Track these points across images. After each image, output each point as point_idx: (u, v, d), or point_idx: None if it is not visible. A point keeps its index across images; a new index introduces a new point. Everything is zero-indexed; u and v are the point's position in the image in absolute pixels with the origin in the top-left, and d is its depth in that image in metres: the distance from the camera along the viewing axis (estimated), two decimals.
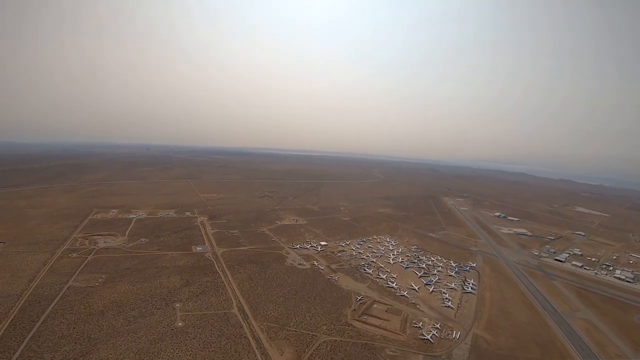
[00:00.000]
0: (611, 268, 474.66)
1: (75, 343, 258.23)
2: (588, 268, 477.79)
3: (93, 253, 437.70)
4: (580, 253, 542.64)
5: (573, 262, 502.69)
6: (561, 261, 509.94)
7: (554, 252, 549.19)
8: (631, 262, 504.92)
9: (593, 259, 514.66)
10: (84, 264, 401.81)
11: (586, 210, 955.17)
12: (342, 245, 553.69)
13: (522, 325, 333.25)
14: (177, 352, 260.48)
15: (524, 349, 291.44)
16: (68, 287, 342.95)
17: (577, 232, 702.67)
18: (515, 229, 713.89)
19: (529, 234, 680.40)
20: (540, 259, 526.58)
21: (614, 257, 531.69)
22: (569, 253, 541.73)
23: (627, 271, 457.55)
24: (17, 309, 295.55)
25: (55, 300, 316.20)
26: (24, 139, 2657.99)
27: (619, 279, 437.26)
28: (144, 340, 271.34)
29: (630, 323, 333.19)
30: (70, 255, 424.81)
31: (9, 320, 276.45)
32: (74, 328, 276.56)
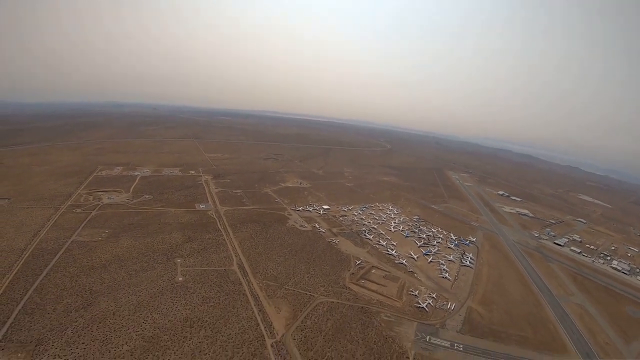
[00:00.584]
0: (609, 258, 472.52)
1: (77, 295, 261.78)
2: (586, 255, 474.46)
3: (97, 209, 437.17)
4: (579, 239, 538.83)
5: (572, 248, 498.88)
6: (560, 245, 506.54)
7: (554, 236, 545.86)
8: (629, 254, 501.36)
9: (592, 247, 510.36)
10: (87, 219, 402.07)
11: (590, 199, 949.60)
12: (344, 210, 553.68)
13: (516, 303, 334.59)
14: (176, 305, 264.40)
15: (516, 327, 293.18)
16: (72, 242, 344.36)
17: (578, 219, 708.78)
18: (517, 209, 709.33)
19: (531, 215, 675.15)
20: (540, 240, 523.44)
21: (613, 248, 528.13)
22: (568, 238, 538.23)
23: (624, 263, 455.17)
24: (21, 262, 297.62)
25: (59, 254, 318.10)
26: (29, 99, 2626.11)
27: (616, 269, 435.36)
28: (145, 293, 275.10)
29: (622, 313, 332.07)
30: (74, 210, 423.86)
31: (13, 274, 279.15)
32: (76, 281, 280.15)
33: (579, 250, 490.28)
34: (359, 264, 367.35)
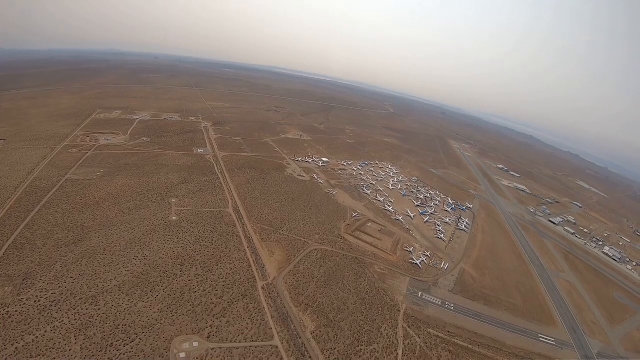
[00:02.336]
0: (601, 243, 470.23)
1: (69, 231, 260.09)
2: (579, 237, 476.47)
3: (93, 149, 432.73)
4: (574, 221, 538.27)
5: (566, 228, 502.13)
6: (555, 223, 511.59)
7: (550, 214, 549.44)
8: (621, 244, 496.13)
9: (585, 230, 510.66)
10: (83, 158, 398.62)
11: (587, 186, 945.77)
12: (343, 165, 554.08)
13: (508, 271, 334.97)
14: (168, 243, 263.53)
15: (506, 293, 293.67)
16: (66, 180, 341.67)
17: (574, 202, 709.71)
18: (515, 184, 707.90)
19: (528, 191, 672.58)
20: (536, 216, 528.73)
21: (606, 235, 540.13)
22: (563, 218, 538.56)
23: (616, 250, 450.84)
24: (14, 199, 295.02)
25: (52, 192, 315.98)
26: (29, 46, 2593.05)
27: (607, 254, 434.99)
28: (137, 231, 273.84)
29: (609, 297, 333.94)
30: (70, 150, 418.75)
31: (5, 210, 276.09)
32: (68, 217, 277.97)
33: (572, 231, 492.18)
34: (355, 216, 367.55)
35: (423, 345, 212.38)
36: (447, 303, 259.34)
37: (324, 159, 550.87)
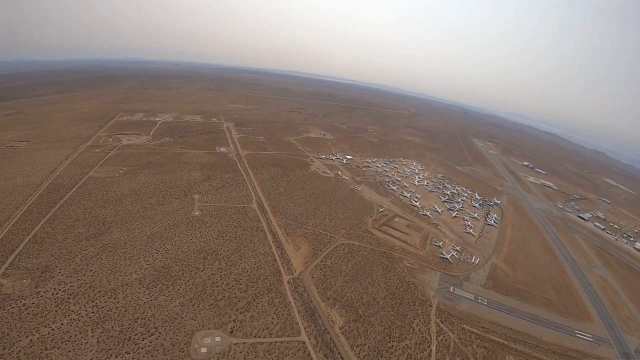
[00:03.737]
0: (632, 239, 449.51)
1: (90, 226, 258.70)
2: (609, 232, 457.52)
3: (116, 149, 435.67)
4: (603, 217, 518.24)
5: (595, 223, 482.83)
6: (584, 219, 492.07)
7: (578, 210, 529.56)
8: None
9: (615, 226, 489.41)
10: (105, 157, 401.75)
11: (614, 183, 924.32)
12: (367, 162, 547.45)
13: (540, 266, 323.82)
14: (191, 238, 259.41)
15: (540, 288, 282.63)
16: (88, 178, 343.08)
17: (602, 199, 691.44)
18: (542, 180, 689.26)
19: (555, 187, 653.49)
20: (564, 212, 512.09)
21: (636, 230, 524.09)
22: (592, 214, 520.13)
23: None
24: (35, 196, 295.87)
25: (74, 189, 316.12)
26: (51, 57, 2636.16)
27: (638, 251, 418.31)
28: (159, 225, 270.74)
29: None
30: (92, 150, 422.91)
31: (26, 206, 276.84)
32: (89, 212, 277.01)
33: (602, 227, 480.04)
34: (381, 211, 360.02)
35: (457, 341, 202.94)
36: (479, 298, 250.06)
37: (348, 157, 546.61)
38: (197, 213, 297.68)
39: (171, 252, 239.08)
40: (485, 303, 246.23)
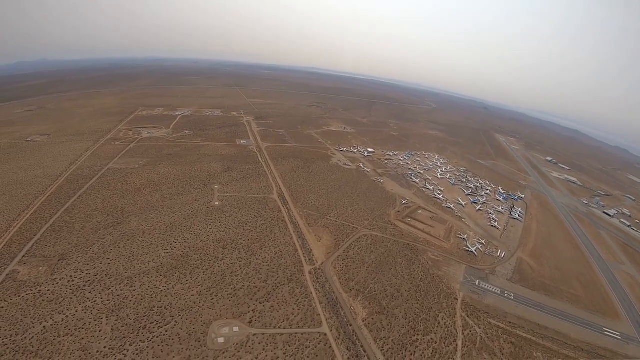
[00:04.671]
0: None
1: (108, 215, 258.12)
2: (635, 229, 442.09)
3: (136, 142, 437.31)
4: (629, 214, 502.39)
5: (621, 220, 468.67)
6: (610, 215, 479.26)
7: (603, 206, 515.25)
8: None
9: None
10: (125, 150, 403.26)
11: (639, 180, 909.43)
12: (389, 155, 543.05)
13: (566, 261, 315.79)
14: (210, 227, 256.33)
15: (566, 284, 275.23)
16: (108, 169, 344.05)
17: (627, 195, 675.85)
18: (566, 175, 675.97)
19: (579, 183, 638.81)
20: (589, 208, 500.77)
21: None
22: (617, 211, 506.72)
23: None
24: (55, 187, 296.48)
25: (93, 180, 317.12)
26: (72, 57, 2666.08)
27: None
28: (178, 215, 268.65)
29: None
30: (112, 143, 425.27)
31: (45, 197, 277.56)
32: (108, 202, 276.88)
33: (628, 224, 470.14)
34: (404, 203, 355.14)
35: (484, 336, 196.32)
36: (506, 292, 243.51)
37: (369, 149, 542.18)
38: (217, 203, 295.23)
39: (190, 241, 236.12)
40: (512, 297, 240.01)
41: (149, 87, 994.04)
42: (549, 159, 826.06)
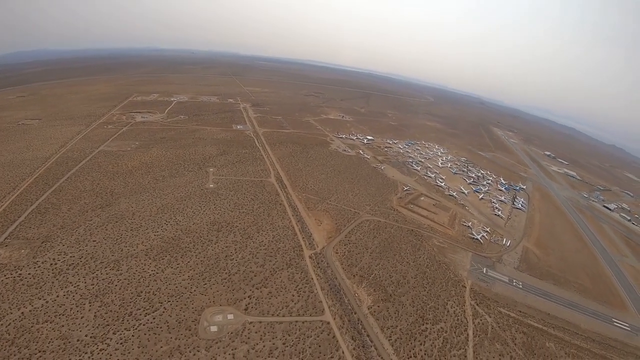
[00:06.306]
0: None
1: (97, 196, 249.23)
2: (635, 224, 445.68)
3: (129, 125, 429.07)
4: (628, 209, 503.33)
5: (621, 214, 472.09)
6: (610, 209, 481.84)
7: (603, 200, 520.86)
8: None
9: None
10: (118, 133, 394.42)
11: (636, 178, 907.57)
12: (389, 143, 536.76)
13: (571, 251, 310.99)
14: (204, 209, 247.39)
15: (573, 274, 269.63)
16: (99, 151, 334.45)
17: (625, 191, 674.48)
18: (565, 169, 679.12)
19: (579, 177, 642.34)
20: (590, 201, 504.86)
21: None
22: (617, 205, 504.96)
23: None
24: (44, 168, 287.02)
25: (84, 162, 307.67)
26: (69, 46, 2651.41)
27: None
28: (170, 197, 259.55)
29: None
30: (105, 126, 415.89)
31: (33, 178, 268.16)
32: (98, 184, 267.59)
33: (628, 218, 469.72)
34: (407, 189, 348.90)
35: (495, 325, 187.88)
36: (514, 281, 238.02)
37: (369, 137, 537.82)
38: (211, 185, 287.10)
39: (182, 224, 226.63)
40: (521, 286, 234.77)
41: (146, 75, 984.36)
42: (547, 153, 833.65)
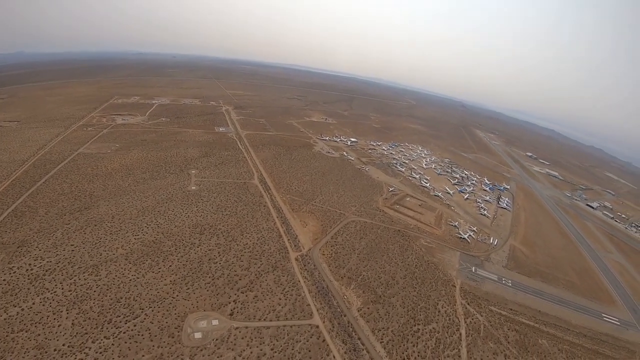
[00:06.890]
0: None
1: (75, 199, 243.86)
2: (618, 221, 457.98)
3: (109, 128, 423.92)
4: (610, 207, 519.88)
5: (604, 212, 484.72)
6: (592, 207, 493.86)
7: (586, 199, 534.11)
8: None
9: (623, 216, 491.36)
10: (98, 135, 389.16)
11: (616, 177, 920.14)
12: (372, 145, 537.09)
13: (558, 249, 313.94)
14: (186, 212, 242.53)
15: (561, 271, 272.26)
16: (78, 154, 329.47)
17: (607, 190, 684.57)
18: (547, 170, 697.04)
19: (560, 177, 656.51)
20: (573, 200, 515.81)
21: None
22: (599, 204, 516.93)
23: None
24: (21, 171, 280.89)
25: (62, 164, 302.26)
26: (49, 49, 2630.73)
27: None
28: (151, 199, 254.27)
29: None
30: (85, 129, 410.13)
31: (9, 181, 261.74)
32: (76, 186, 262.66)
33: (611, 216, 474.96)
34: (392, 190, 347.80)
35: (487, 324, 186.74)
36: (503, 279, 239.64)
37: (352, 139, 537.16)
38: (193, 188, 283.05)
39: (163, 226, 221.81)
40: (510, 284, 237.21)
41: (127, 78, 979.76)
42: (529, 154, 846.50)
